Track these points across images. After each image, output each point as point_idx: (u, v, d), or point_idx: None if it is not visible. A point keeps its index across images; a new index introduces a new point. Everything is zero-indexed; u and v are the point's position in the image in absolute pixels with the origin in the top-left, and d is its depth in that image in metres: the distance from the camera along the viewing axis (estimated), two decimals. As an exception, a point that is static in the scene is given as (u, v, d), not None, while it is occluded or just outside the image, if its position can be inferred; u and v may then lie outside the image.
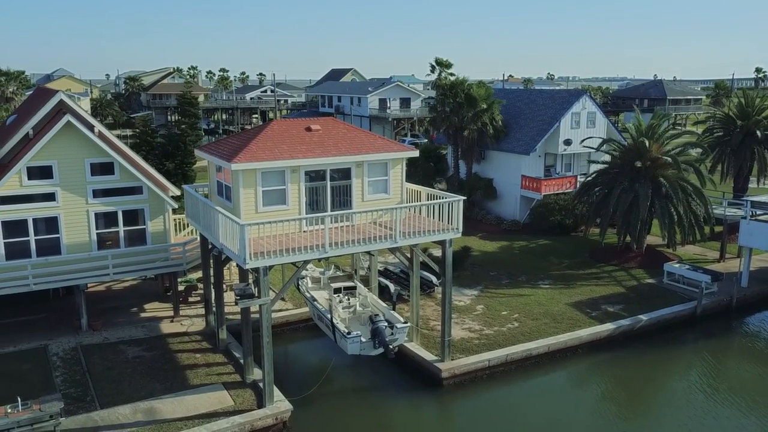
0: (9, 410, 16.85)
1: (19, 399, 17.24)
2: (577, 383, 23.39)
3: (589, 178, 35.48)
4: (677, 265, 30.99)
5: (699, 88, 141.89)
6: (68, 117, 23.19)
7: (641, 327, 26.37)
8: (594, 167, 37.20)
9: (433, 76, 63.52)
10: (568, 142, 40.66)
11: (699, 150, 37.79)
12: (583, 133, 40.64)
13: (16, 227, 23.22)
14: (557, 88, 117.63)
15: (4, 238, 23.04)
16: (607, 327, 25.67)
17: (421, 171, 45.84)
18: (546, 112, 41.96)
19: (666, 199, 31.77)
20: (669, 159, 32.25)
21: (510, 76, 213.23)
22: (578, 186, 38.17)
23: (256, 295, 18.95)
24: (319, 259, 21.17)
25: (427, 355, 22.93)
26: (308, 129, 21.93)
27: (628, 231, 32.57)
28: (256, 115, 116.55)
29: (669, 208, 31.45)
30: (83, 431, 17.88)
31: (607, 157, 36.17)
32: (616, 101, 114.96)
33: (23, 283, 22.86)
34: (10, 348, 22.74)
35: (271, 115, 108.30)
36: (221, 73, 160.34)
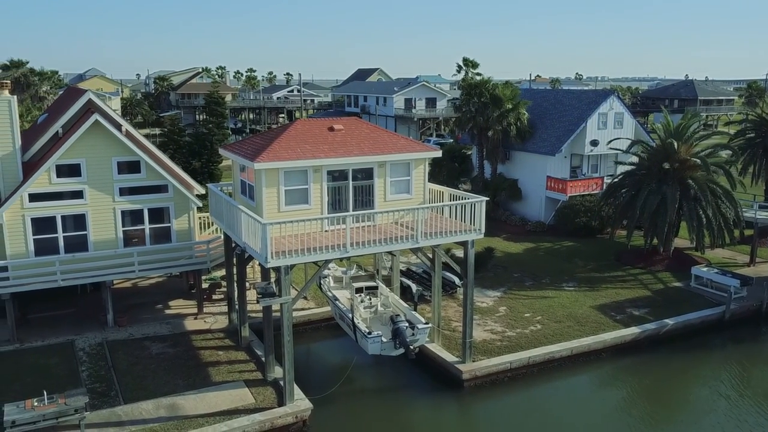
0: (36, 403, 17.21)
1: (45, 392, 17.61)
2: (600, 387, 23.08)
3: (616, 180, 34.99)
4: (705, 269, 30.41)
5: (731, 89, 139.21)
6: (96, 116, 23.58)
7: (667, 331, 25.93)
8: (621, 168, 36.69)
9: (460, 76, 63.38)
10: (594, 143, 40.16)
11: (729, 152, 37.01)
12: (611, 133, 40.11)
13: (45, 224, 23.69)
14: (585, 88, 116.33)
15: (33, 235, 23.52)
16: (632, 331, 25.29)
17: (445, 171, 45.72)
18: (572, 113, 41.50)
19: (694, 201, 31.19)
20: (698, 161, 31.66)
21: (537, 76, 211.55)
22: (605, 187, 37.69)
23: (278, 293, 19.07)
24: (341, 259, 21.23)
25: (448, 357, 22.84)
26: (331, 129, 21.99)
27: (655, 233, 32.06)
28: (283, 115, 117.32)
29: (697, 210, 30.87)
30: (107, 425, 18.16)
31: (635, 159, 35.65)
32: (645, 102, 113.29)
33: (51, 279, 23.30)
34: (39, 342, 23.21)
35: (297, 114, 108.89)
36: (249, 73, 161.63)
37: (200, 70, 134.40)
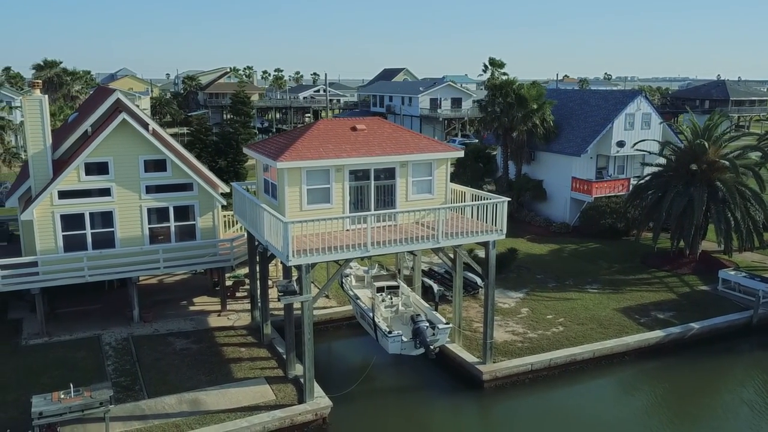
0: (62, 396, 17.59)
1: (71, 385, 17.98)
2: (623, 391, 22.83)
3: (642, 181, 34.56)
4: (733, 273, 29.86)
5: (766, 89, 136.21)
6: (123, 115, 24.02)
7: (693, 335, 25.54)
8: (648, 170, 36.20)
9: (486, 76, 63.01)
10: (621, 144, 39.69)
11: (759, 153, 36.29)
12: (637, 134, 39.62)
13: (74, 221, 24.20)
14: (614, 88, 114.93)
15: (62, 231, 24.04)
16: (656, 334, 24.97)
17: (469, 172, 45.58)
18: (599, 113, 41.07)
19: (723, 203, 30.67)
20: (726, 162, 31.11)
21: (566, 76, 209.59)
22: (631, 189, 37.24)
23: (299, 292, 19.23)
24: (362, 258, 21.34)
25: (469, 357, 22.80)
26: (354, 128, 22.10)
27: (681, 236, 31.61)
28: (309, 114, 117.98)
29: (725, 213, 30.35)
30: (131, 419, 18.51)
31: (662, 160, 35.17)
32: (675, 102, 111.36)
33: (79, 275, 23.81)
34: (66, 336, 23.73)
35: (323, 114, 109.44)
36: (276, 73, 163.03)
37: (228, 70, 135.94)
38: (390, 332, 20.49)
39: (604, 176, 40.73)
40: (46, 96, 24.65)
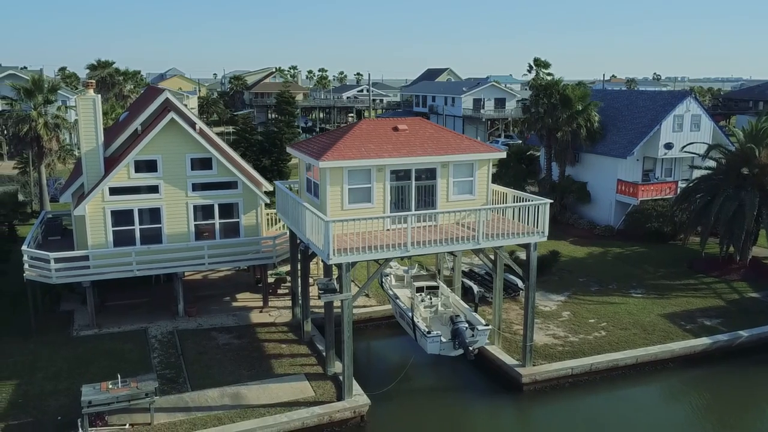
0: (110, 386, 18.21)
1: (119, 376, 18.60)
2: (666, 399, 22.34)
3: (691, 185, 33.72)
4: (786, 280, 28.89)
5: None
6: (172, 114, 24.66)
7: (740, 343, 24.81)
8: (697, 173, 35.29)
9: (530, 76, 62.34)
10: (669, 146, 38.78)
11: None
12: (686, 136, 38.64)
13: (123, 217, 24.97)
14: (662, 89, 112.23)
15: (112, 227, 24.83)
16: (703, 341, 24.35)
17: (512, 173, 45.23)
18: (646, 114, 40.21)
19: (775, 208, 29.69)
20: (780, 166, 30.10)
21: (613, 76, 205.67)
22: (678, 192, 36.37)
23: (339, 290, 19.44)
24: (402, 258, 21.42)
25: (508, 359, 22.66)
26: (395, 129, 22.21)
27: (731, 241, 30.72)
28: (352, 114, 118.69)
29: (778, 218, 29.37)
30: (174, 410, 19.00)
31: (711, 163, 34.25)
32: (727, 103, 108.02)
33: (128, 269, 24.54)
34: (115, 329, 24.50)
35: (366, 114, 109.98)
36: (320, 73, 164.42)
37: (273, 70, 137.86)
38: (429, 332, 20.53)
39: (650, 179, 39.87)
40: (99, 95, 25.47)
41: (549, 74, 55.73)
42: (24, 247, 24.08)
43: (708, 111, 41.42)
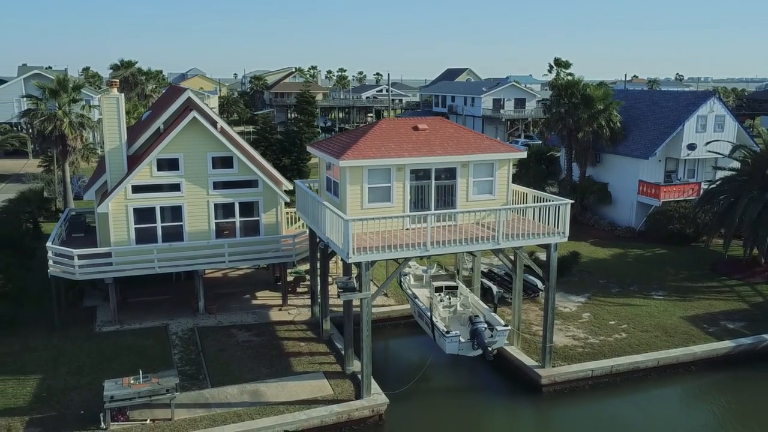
0: (132, 381, 18.42)
1: (141, 372, 18.81)
2: (688, 403, 22.08)
3: (714, 186, 33.29)
4: (811, 283, 28.41)
5: None
6: (194, 113, 24.88)
7: (765, 347, 24.43)
8: (720, 174, 34.84)
9: (551, 76, 61.95)
10: (691, 147, 38.32)
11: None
12: (710, 137, 38.12)
13: (145, 214, 25.24)
14: (685, 89, 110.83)
15: (135, 224, 25.11)
16: (726, 345, 24.03)
17: (531, 173, 44.99)
18: (669, 115, 39.77)
19: (801, 210, 29.19)
20: (807, 167, 29.62)
21: (634, 76, 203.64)
22: (701, 193, 35.92)
23: (358, 289, 19.48)
24: (421, 257, 21.41)
25: (527, 360, 22.55)
26: (415, 128, 22.21)
27: (755, 243, 30.26)
28: (371, 114, 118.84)
29: (804, 220, 28.87)
30: (195, 406, 19.17)
31: (735, 164, 33.76)
32: (752, 104, 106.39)
33: (150, 266, 24.80)
34: (136, 325, 24.78)
35: (385, 114, 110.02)
36: (339, 73, 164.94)
37: (293, 69, 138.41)
38: (448, 332, 20.50)
39: (673, 180, 39.43)
40: (122, 94, 25.78)
41: (570, 74, 55.39)
42: (48, 244, 24.46)
43: (732, 112, 40.84)
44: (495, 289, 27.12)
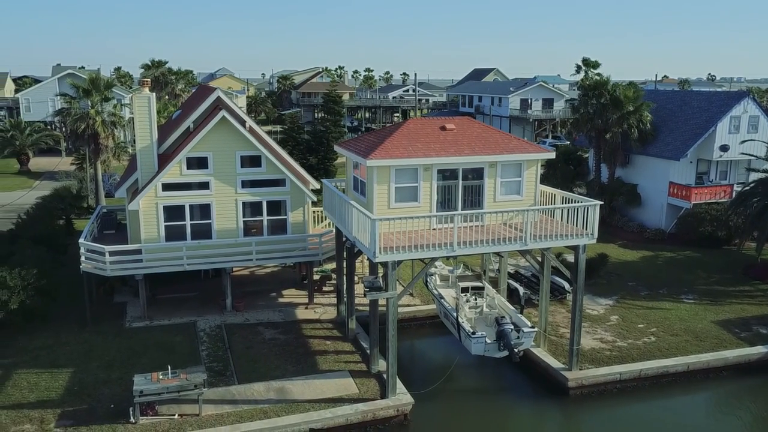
0: (161, 376, 18.69)
1: (169, 367, 19.08)
2: (718, 408, 21.69)
3: (747, 188, 32.64)
4: None
5: None
6: (223, 112, 25.14)
7: (799, 353, 23.92)
8: (754, 176, 34.16)
9: (579, 76, 61.32)
10: (724, 148, 37.61)
11: None
12: (743, 139, 37.37)
13: (175, 212, 25.57)
14: (718, 89, 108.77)
15: (164, 222, 25.47)
16: (759, 350, 23.56)
17: (559, 174, 44.58)
18: (701, 115, 39.10)
19: (838, 214, 28.50)
20: None
21: (665, 76, 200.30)
22: (734, 195, 35.24)
23: (384, 288, 19.51)
24: (448, 258, 21.36)
25: (554, 363, 22.37)
26: (443, 128, 22.16)
27: (790, 247, 29.61)
28: (397, 114, 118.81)
29: (841, 224, 28.18)
30: (222, 402, 19.39)
31: (770, 166, 33.07)
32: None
33: (179, 263, 25.13)
34: (165, 321, 25.14)
35: (411, 114, 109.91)
36: (366, 73, 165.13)
37: (320, 69, 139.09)
38: (474, 333, 20.42)
39: (704, 182, 38.75)
40: (154, 94, 26.16)
41: (598, 74, 54.76)
42: (81, 240, 24.93)
43: (766, 112, 40.01)
44: (521, 290, 26.95)
